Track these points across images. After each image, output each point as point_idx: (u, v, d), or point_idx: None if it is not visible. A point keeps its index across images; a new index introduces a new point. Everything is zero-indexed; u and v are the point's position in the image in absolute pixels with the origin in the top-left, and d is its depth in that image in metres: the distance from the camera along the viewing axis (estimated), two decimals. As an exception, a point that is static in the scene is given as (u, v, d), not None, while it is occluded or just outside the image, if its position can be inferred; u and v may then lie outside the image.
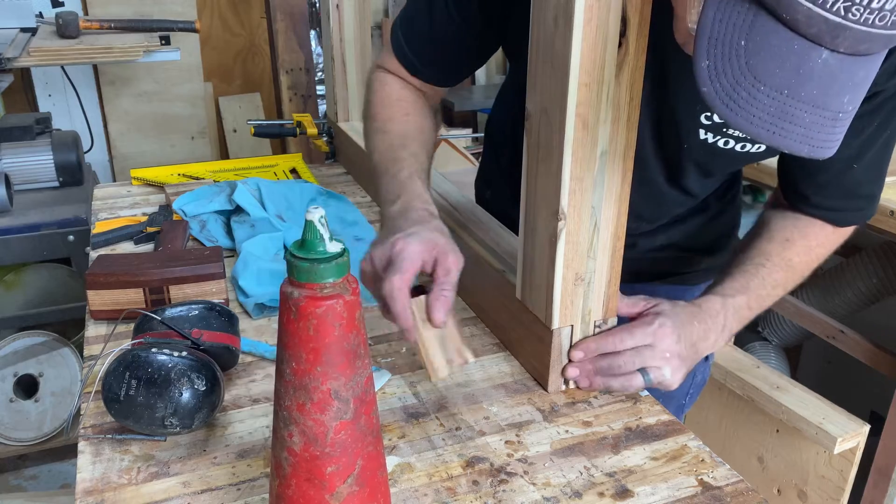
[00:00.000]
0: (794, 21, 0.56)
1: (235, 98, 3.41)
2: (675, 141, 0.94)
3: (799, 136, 0.60)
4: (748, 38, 0.58)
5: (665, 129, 0.93)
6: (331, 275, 0.57)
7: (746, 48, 0.59)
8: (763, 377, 1.68)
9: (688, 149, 0.94)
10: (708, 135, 0.91)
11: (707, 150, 0.93)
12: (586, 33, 0.71)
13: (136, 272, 0.99)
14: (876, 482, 1.68)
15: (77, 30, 2.31)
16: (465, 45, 1.02)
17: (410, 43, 1.04)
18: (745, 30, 0.58)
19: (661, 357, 0.84)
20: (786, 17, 0.56)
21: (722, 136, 0.91)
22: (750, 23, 0.58)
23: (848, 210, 0.97)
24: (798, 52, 0.57)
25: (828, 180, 0.94)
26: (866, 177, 0.94)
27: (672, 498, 0.74)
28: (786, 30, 0.57)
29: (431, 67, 1.05)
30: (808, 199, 0.97)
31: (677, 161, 0.97)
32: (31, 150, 2.01)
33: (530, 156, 0.83)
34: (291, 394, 0.59)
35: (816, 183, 0.95)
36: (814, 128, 0.60)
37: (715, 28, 0.59)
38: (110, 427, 0.81)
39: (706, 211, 1.14)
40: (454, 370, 0.82)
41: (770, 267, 0.95)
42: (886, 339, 1.75)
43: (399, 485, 0.75)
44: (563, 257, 0.81)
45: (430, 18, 1.00)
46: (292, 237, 1.19)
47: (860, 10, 0.54)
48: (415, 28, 1.03)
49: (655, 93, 0.88)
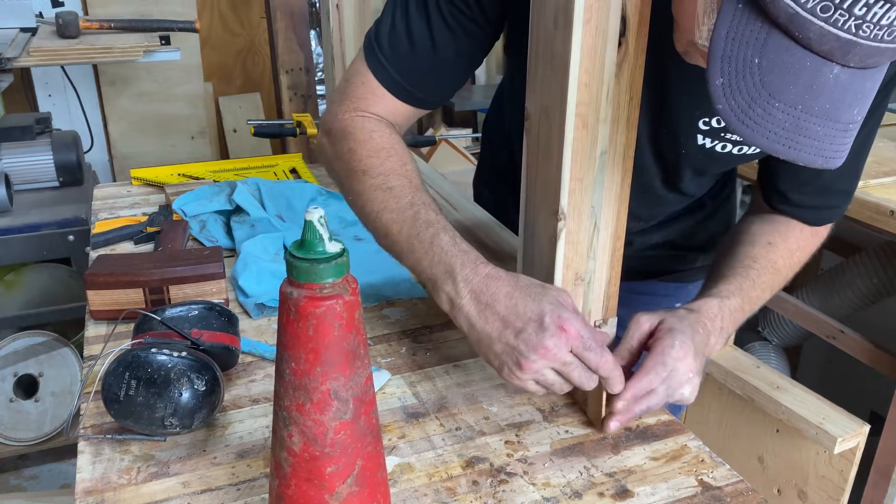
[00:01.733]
0: (806, 39, 0.57)
1: (235, 98, 3.41)
2: (673, 146, 0.94)
3: (813, 149, 0.62)
4: (762, 56, 0.59)
5: (663, 134, 0.93)
6: (330, 275, 0.57)
7: (761, 66, 0.60)
8: (763, 377, 1.68)
9: (685, 154, 0.94)
10: (706, 140, 0.91)
11: (704, 154, 0.93)
12: (586, 33, 0.71)
13: (136, 272, 0.99)
14: (876, 482, 1.68)
15: (77, 30, 2.31)
16: (465, 58, 0.94)
17: (403, 71, 0.93)
18: (758, 47, 0.59)
19: (684, 379, 0.81)
20: (798, 36, 0.58)
21: (720, 141, 0.91)
22: (763, 41, 0.59)
23: (824, 208, 0.98)
24: (811, 68, 0.59)
25: (808, 178, 0.95)
26: (842, 172, 0.94)
27: (672, 498, 0.74)
28: (798, 47, 0.58)
29: (429, 91, 0.95)
30: (787, 197, 0.98)
31: (675, 166, 0.98)
32: (31, 150, 2.01)
33: (530, 155, 0.83)
34: (291, 394, 0.59)
35: (796, 180, 0.96)
36: (826, 140, 0.61)
37: (728, 46, 0.60)
38: (110, 427, 0.81)
39: (701, 209, 1.14)
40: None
41: (758, 269, 0.95)
42: (886, 339, 1.75)
43: (399, 485, 0.75)
44: (562, 257, 0.81)
45: (429, 37, 0.90)
46: (292, 237, 1.19)
47: (870, 27, 0.56)
48: (403, 52, 0.92)
49: (653, 99, 0.88)
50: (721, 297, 0.91)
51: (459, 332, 1.00)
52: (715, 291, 0.92)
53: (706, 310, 0.88)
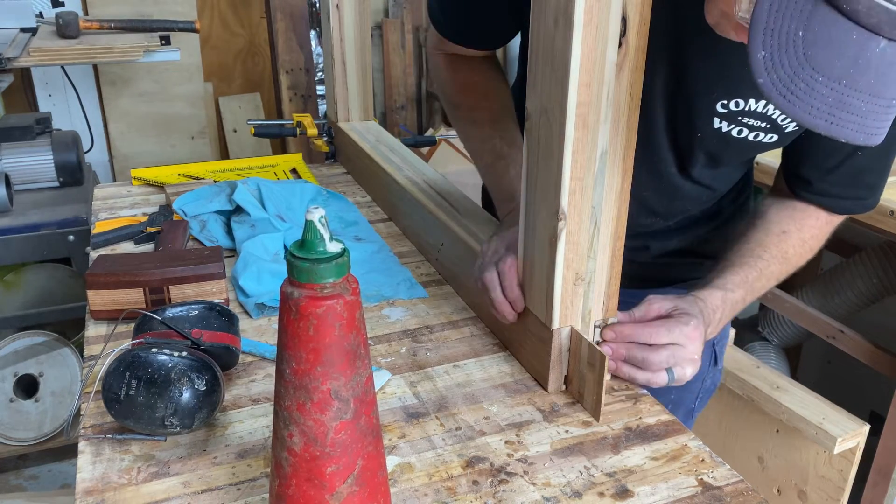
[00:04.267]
0: (854, 11, 0.56)
1: (235, 98, 3.40)
2: (689, 129, 0.94)
3: (856, 126, 0.60)
4: (806, 29, 0.58)
5: (680, 117, 0.93)
6: (331, 275, 0.57)
7: (805, 39, 0.58)
8: (763, 377, 1.69)
9: (701, 138, 0.94)
10: (722, 123, 0.91)
11: (720, 139, 0.93)
12: (586, 34, 0.71)
13: (136, 272, 0.99)
14: (876, 482, 1.68)
15: (77, 30, 2.31)
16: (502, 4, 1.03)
17: (451, 18, 1.09)
18: (803, 20, 0.58)
19: (689, 358, 0.84)
20: (846, 8, 0.56)
21: (736, 125, 0.91)
22: (808, 13, 0.58)
23: (849, 198, 0.98)
24: (857, 41, 0.57)
25: (833, 165, 0.94)
26: (871, 165, 0.95)
27: (672, 498, 0.74)
28: (845, 20, 0.57)
29: (474, 34, 1.09)
30: (811, 183, 0.97)
31: (689, 150, 0.97)
32: (31, 150, 2.01)
33: (530, 156, 0.83)
34: (291, 394, 0.59)
35: (822, 167, 0.95)
36: (870, 116, 0.60)
37: (771, 19, 0.59)
38: (110, 427, 0.81)
39: (719, 215, 1.13)
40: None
41: (768, 259, 0.96)
42: (886, 339, 1.75)
43: (399, 485, 0.75)
44: (563, 257, 0.81)
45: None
46: (292, 237, 1.19)
47: None
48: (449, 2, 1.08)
49: (670, 80, 0.88)
50: (725, 290, 0.92)
51: (459, 332, 1.01)
52: (720, 283, 0.93)
53: (710, 301, 0.91)
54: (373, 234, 1.29)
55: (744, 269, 0.95)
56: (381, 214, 1.39)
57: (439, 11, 1.10)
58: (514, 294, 0.90)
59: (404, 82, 3.62)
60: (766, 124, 0.90)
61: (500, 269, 0.91)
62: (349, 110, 1.60)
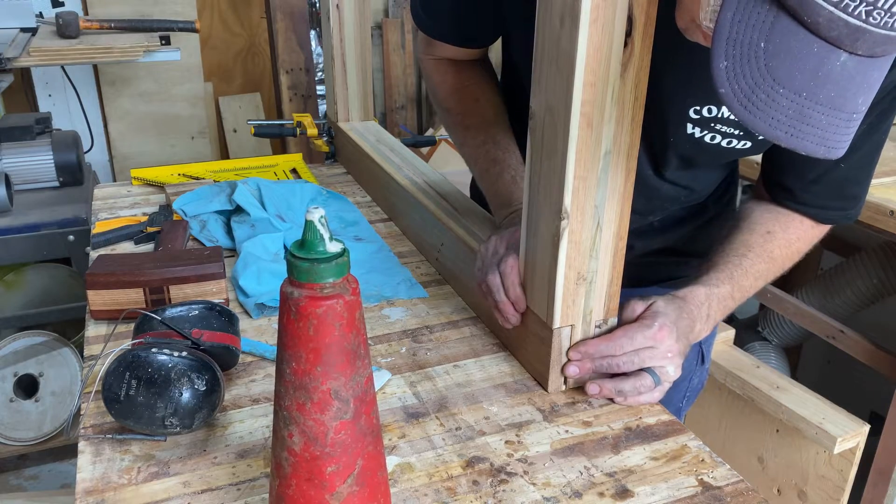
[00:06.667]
0: (815, 24, 0.56)
1: (235, 98, 3.41)
2: (662, 133, 0.94)
3: (816, 138, 0.60)
4: (768, 40, 0.58)
5: (652, 120, 0.93)
6: (331, 275, 0.57)
7: (766, 50, 0.58)
8: (763, 377, 1.69)
9: (673, 142, 0.94)
10: (695, 129, 0.91)
11: (693, 144, 0.93)
12: (592, 33, 0.71)
13: (136, 272, 0.99)
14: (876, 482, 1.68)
15: (77, 30, 2.31)
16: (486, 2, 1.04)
17: (436, 20, 1.10)
18: (765, 31, 0.58)
19: (663, 357, 0.84)
20: (807, 20, 0.56)
21: (709, 132, 0.90)
22: (770, 24, 0.58)
23: (831, 209, 0.97)
24: (818, 54, 0.57)
25: (814, 178, 0.94)
26: (853, 177, 0.94)
27: (672, 498, 0.74)
28: (806, 32, 0.57)
29: (455, 30, 1.09)
30: (793, 194, 0.97)
31: (662, 153, 0.97)
32: (31, 150, 2.01)
33: (534, 154, 0.83)
34: (291, 394, 0.59)
35: (804, 178, 0.95)
36: (830, 129, 0.60)
37: (734, 29, 0.59)
38: (110, 427, 0.81)
39: (703, 213, 1.13)
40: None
41: (752, 258, 0.95)
42: (886, 339, 1.75)
43: (399, 485, 0.75)
44: (565, 256, 0.81)
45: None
46: (292, 237, 1.19)
47: (881, 13, 0.55)
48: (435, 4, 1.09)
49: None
50: (709, 286, 0.92)
51: (459, 332, 1.01)
52: (705, 279, 0.93)
53: (692, 297, 0.90)
54: (373, 234, 1.29)
55: (728, 266, 0.94)
56: (381, 214, 1.39)
57: (421, 8, 1.10)
58: (517, 294, 0.90)
59: (404, 82, 3.62)
60: (739, 131, 0.90)
61: (501, 269, 0.91)
62: (349, 110, 1.60)
